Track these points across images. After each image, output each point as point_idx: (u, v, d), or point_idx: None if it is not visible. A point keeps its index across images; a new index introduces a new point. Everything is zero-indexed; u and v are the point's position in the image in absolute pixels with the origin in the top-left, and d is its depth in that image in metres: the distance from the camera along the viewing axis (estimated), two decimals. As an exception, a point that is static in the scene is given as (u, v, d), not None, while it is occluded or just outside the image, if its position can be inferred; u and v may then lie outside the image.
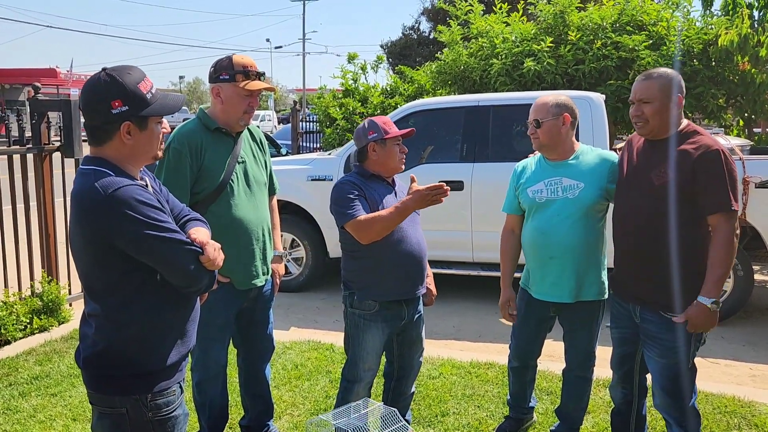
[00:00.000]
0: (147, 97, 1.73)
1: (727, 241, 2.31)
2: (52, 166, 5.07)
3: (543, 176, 2.81)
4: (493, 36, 8.01)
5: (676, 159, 2.36)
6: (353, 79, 9.58)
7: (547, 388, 3.68)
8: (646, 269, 2.46)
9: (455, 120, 5.71)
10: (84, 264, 1.74)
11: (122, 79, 1.70)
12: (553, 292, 2.82)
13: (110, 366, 1.74)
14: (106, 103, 1.68)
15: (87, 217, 1.66)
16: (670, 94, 2.39)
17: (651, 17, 7.55)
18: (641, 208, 2.45)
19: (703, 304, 2.34)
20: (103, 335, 1.73)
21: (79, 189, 1.68)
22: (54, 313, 4.77)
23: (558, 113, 2.72)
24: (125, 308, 1.72)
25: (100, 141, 1.73)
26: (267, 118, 36.56)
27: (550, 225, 2.76)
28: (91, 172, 1.69)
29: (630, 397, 2.79)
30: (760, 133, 8.32)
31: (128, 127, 1.71)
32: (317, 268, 5.98)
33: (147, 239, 1.65)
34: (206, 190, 2.58)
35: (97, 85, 1.69)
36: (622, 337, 2.70)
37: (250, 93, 2.59)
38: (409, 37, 20.87)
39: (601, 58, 7.28)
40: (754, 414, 3.34)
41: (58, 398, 3.53)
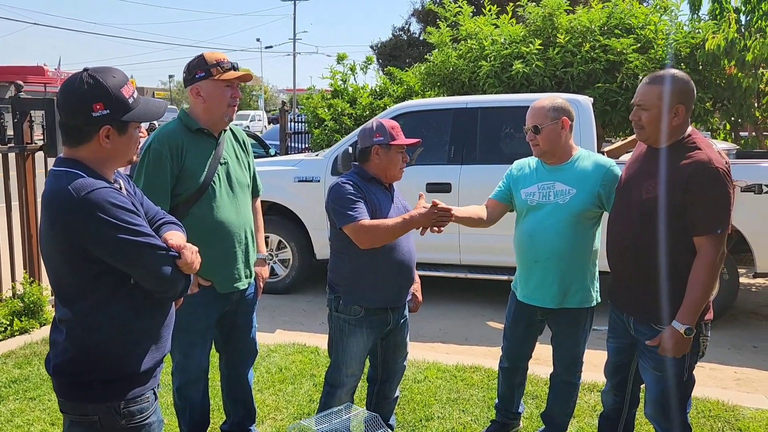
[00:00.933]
0: (129, 102, 1.70)
1: (709, 265, 2.20)
2: (35, 165, 5.00)
3: (538, 179, 2.78)
4: (482, 38, 8.01)
5: (668, 173, 2.26)
6: (342, 80, 9.55)
7: (533, 392, 3.66)
8: (636, 281, 2.40)
9: (443, 122, 5.70)
10: (55, 268, 1.70)
11: (106, 81, 1.66)
12: (536, 295, 2.80)
13: (82, 373, 1.70)
14: (88, 105, 1.64)
15: (59, 220, 1.62)
16: (670, 103, 2.25)
17: (639, 21, 7.58)
18: (630, 219, 2.38)
19: (675, 329, 2.24)
20: (74, 341, 1.69)
21: (51, 191, 1.64)
22: (35, 315, 4.70)
23: (557, 117, 2.67)
24: (97, 313, 1.68)
25: (76, 142, 1.69)
26: (257, 118, 36.49)
27: (537, 229, 2.74)
28: (63, 173, 1.65)
29: (621, 404, 2.74)
30: (746, 137, 8.36)
31: (108, 130, 1.67)
32: (304, 270, 5.94)
33: (120, 243, 1.62)
34: (188, 191, 2.54)
35: (79, 86, 1.65)
36: (618, 347, 2.64)
37: (229, 84, 2.55)
38: (399, 38, 20.86)
39: (589, 61, 7.29)
40: (738, 418, 3.34)
41: (37, 402, 3.47)
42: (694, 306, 2.22)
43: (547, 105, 2.69)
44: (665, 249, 2.28)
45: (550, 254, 2.71)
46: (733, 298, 4.92)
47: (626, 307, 2.50)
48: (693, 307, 2.22)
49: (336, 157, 5.58)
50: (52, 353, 1.75)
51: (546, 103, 2.70)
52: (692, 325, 2.23)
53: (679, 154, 2.28)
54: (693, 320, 2.23)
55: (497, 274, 5.30)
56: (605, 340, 2.73)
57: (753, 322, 5.21)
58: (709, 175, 2.18)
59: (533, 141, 2.71)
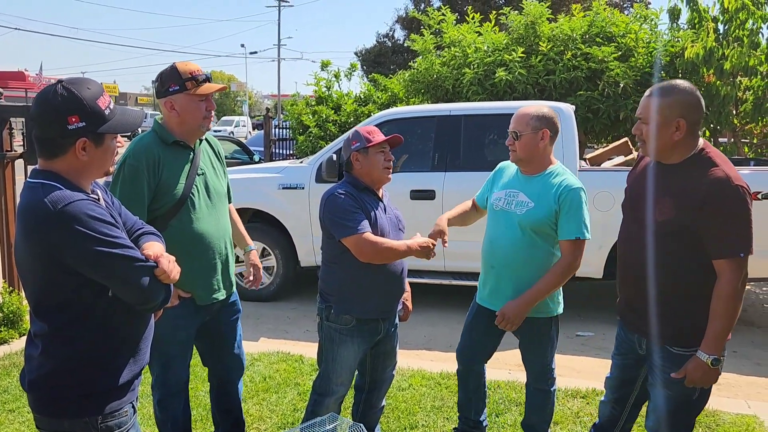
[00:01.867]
0: (105, 113, 1.68)
1: (732, 291, 2.05)
2: (14, 173, 4.94)
3: (508, 185, 2.80)
4: (465, 45, 8.08)
5: (683, 193, 2.10)
6: (327, 87, 9.55)
7: (517, 399, 3.68)
8: (647, 301, 2.26)
9: (427, 129, 5.72)
10: (32, 281, 1.67)
11: (81, 93, 1.64)
12: (491, 300, 2.82)
13: (58, 388, 1.67)
14: (63, 117, 1.62)
15: (36, 233, 1.59)
16: (669, 117, 2.11)
17: (620, 29, 7.68)
18: (642, 240, 2.23)
19: (700, 360, 2.12)
20: (50, 355, 1.66)
21: (27, 203, 1.61)
22: (14, 325, 4.64)
23: (538, 128, 2.64)
24: (74, 326, 1.66)
25: (51, 155, 1.66)
26: (242, 124, 36.34)
27: (496, 235, 2.77)
28: (39, 186, 1.62)
29: (617, 418, 2.65)
30: (725, 144, 8.49)
31: (84, 143, 1.65)
32: (288, 278, 5.92)
33: (98, 256, 1.60)
34: (166, 205, 2.50)
35: (54, 98, 1.63)
36: (624, 364, 2.53)
37: (204, 97, 2.53)
38: (383, 44, 20.92)
39: (571, 69, 7.38)
40: (719, 423, 3.38)
41: (17, 414, 3.42)
42: (718, 335, 2.10)
43: (532, 113, 2.66)
44: (680, 272, 2.16)
45: (505, 262, 2.73)
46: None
47: (637, 329, 2.37)
48: (718, 336, 2.10)
49: (320, 164, 5.58)
50: (27, 368, 1.72)
51: (531, 111, 2.67)
52: (718, 355, 2.11)
53: (693, 171, 2.13)
54: (719, 350, 2.11)
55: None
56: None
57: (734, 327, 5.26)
58: (729, 193, 2.04)
59: (511, 146, 2.71)
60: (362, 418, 2.95)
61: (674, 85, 2.17)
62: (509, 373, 4.11)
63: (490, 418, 3.42)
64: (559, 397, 3.69)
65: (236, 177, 6.13)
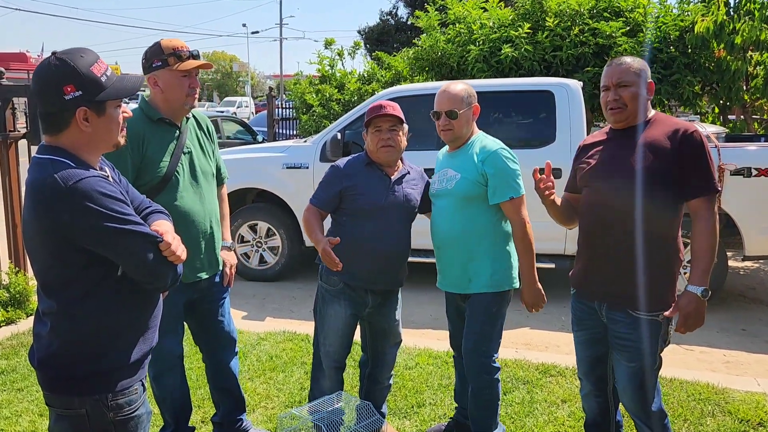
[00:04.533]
0: (101, 80, 1.63)
1: (712, 227, 2.23)
2: (18, 153, 4.92)
3: (440, 167, 2.79)
4: (471, 22, 7.95)
5: (656, 142, 2.27)
6: (330, 65, 9.47)
7: (524, 377, 3.67)
8: (615, 262, 2.33)
9: (432, 107, 5.64)
10: (40, 259, 1.64)
11: (74, 62, 1.59)
12: (443, 281, 2.79)
13: (67, 365, 1.65)
14: (58, 88, 1.58)
15: (45, 211, 1.56)
16: (645, 79, 2.33)
17: (628, 3, 7.54)
18: (613, 197, 2.32)
19: (692, 293, 2.21)
20: (58, 333, 1.65)
21: (36, 180, 1.57)
22: (21, 305, 4.65)
23: (470, 103, 2.67)
24: (83, 304, 1.64)
25: (55, 129, 1.62)
26: (244, 104, 36.18)
27: (435, 216, 2.75)
28: (48, 162, 1.58)
29: (605, 404, 2.59)
30: (734, 120, 8.38)
31: (84, 113, 1.61)
32: (293, 257, 5.90)
33: (109, 233, 1.57)
34: (150, 182, 2.47)
35: (48, 70, 1.59)
36: (591, 338, 2.50)
37: (187, 73, 2.49)
38: (386, 22, 20.63)
39: (578, 45, 7.26)
40: (728, 401, 3.36)
41: (25, 393, 3.43)
42: (706, 268, 2.22)
43: (463, 90, 2.66)
44: (650, 224, 2.26)
45: (446, 240, 2.70)
46: (722, 281, 4.95)
47: (597, 294, 2.42)
48: (705, 269, 2.22)
49: (324, 143, 5.53)
50: (36, 346, 1.70)
51: (460, 87, 2.67)
52: (707, 287, 2.22)
53: (657, 127, 2.32)
54: (707, 282, 2.22)
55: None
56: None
57: (741, 305, 5.24)
58: (697, 137, 2.24)
59: (447, 126, 2.65)
60: (368, 395, 2.95)
61: (632, 57, 2.39)
62: (516, 352, 4.10)
63: (497, 396, 3.40)
64: (566, 375, 3.68)
65: (240, 157, 6.10)
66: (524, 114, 5.60)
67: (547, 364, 3.82)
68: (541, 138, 5.27)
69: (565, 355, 4.10)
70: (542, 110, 5.38)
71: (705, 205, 2.24)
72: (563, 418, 3.20)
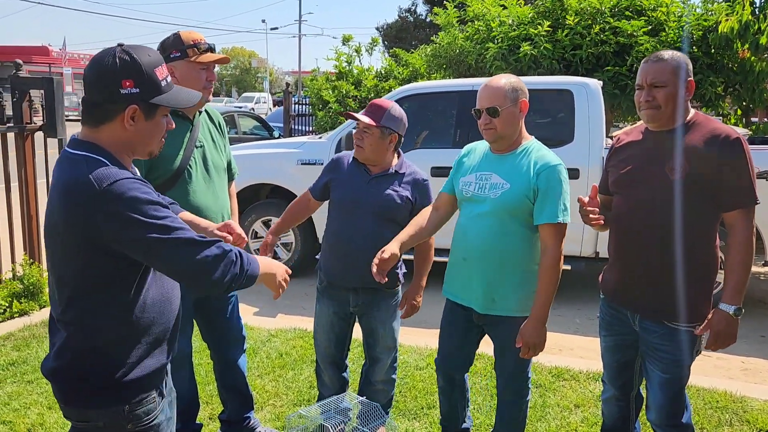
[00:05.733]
0: (161, 84, 1.57)
1: (748, 241, 2.10)
2: (34, 146, 4.94)
3: (478, 168, 2.47)
4: (490, 19, 7.87)
5: (695, 149, 2.11)
6: (347, 62, 9.43)
7: (536, 380, 3.60)
8: (650, 273, 2.23)
9: (449, 105, 5.59)
10: (62, 261, 1.55)
11: (140, 59, 1.53)
12: (463, 295, 2.51)
13: (81, 377, 1.58)
14: (116, 80, 1.51)
15: (78, 212, 1.47)
16: (683, 78, 2.16)
17: (650, 2, 7.42)
18: (650, 205, 2.20)
19: (724, 311, 2.11)
20: (72, 344, 1.57)
21: (70, 179, 1.49)
22: (35, 296, 4.67)
23: (516, 98, 2.36)
24: (101, 313, 1.55)
25: (97, 121, 1.55)
26: (262, 100, 36.34)
27: (469, 223, 2.45)
28: (82, 159, 1.50)
29: (626, 411, 2.53)
30: (757, 122, 8.22)
31: (134, 111, 1.54)
32: (307, 254, 5.88)
33: (151, 243, 1.49)
34: (163, 176, 2.45)
35: (110, 60, 1.52)
36: (620, 344, 2.42)
37: (206, 66, 2.47)
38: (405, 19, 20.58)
39: (598, 44, 7.16)
40: (746, 409, 3.27)
41: (35, 385, 3.43)
42: (739, 285, 2.11)
43: (506, 84, 2.36)
44: (688, 234, 2.14)
45: (477, 253, 2.42)
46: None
47: (631, 304, 2.32)
48: (738, 287, 2.11)
49: (340, 140, 5.50)
50: (51, 356, 1.62)
51: (504, 82, 2.37)
52: (740, 305, 2.12)
53: (696, 130, 2.16)
54: (740, 300, 2.12)
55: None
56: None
57: (761, 311, 5.13)
58: (738, 144, 2.09)
59: (488, 125, 2.36)
60: (360, 393, 2.91)
61: (672, 51, 2.22)
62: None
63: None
64: (580, 380, 3.61)
65: (255, 152, 6.09)
66: (542, 113, 5.52)
67: (560, 368, 3.76)
68: (559, 137, 5.19)
69: (579, 358, 4.03)
70: (561, 109, 5.30)
71: (742, 217, 2.12)
72: (576, 423, 3.14)
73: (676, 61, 2.17)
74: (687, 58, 2.21)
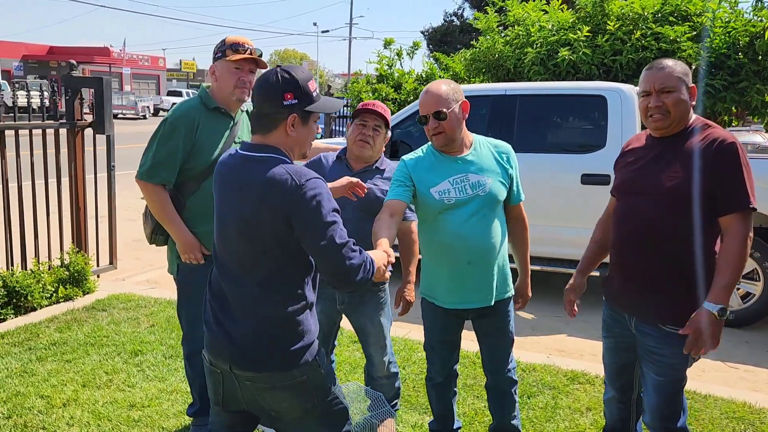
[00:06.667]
0: (314, 95, 1.89)
1: (743, 243, 2.10)
2: (84, 141, 5.22)
3: (446, 174, 2.48)
4: (529, 24, 7.87)
5: (690, 156, 2.14)
6: (388, 65, 9.55)
7: (550, 382, 3.63)
8: (645, 277, 2.26)
9: (481, 109, 5.63)
10: (252, 248, 1.81)
11: (297, 75, 1.85)
12: (473, 298, 2.52)
13: (278, 345, 1.84)
14: (280, 94, 1.82)
15: (275, 205, 1.75)
16: (688, 83, 2.21)
17: (696, 8, 7.28)
18: (647, 212, 2.23)
19: (708, 310, 2.08)
20: (260, 316, 1.84)
21: (271, 175, 1.77)
22: (79, 283, 4.95)
23: (458, 100, 2.44)
24: (280, 290, 1.84)
25: (266, 129, 1.87)
26: (311, 101, 36.77)
27: (465, 228, 2.45)
28: (273, 160, 1.80)
29: (626, 413, 2.56)
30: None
31: (294, 119, 1.85)
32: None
33: (323, 241, 1.75)
34: (199, 167, 2.62)
35: (274, 78, 1.85)
36: (619, 346, 2.46)
37: (240, 66, 2.62)
38: (451, 23, 20.58)
39: (640, 49, 7.08)
40: (764, 421, 3.22)
41: (72, 364, 3.67)
42: (726, 286, 2.10)
43: (448, 89, 2.44)
44: (684, 240, 2.16)
45: (485, 252, 2.47)
46: (775, 299, 4.73)
47: (627, 306, 2.36)
48: (725, 288, 2.10)
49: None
50: (252, 334, 1.85)
51: (444, 87, 2.44)
52: (726, 306, 2.10)
53: (694, 136, 2.20)
54: (727, 300, 2.10)
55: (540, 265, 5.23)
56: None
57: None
58: (734, 149, 2.11)
59: (436, 129, 2.42)
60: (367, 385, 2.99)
61: (671, 60, 2.26)
62: (548, 357, 4.06)
63: (522, 399, 3.39)
64: (595, 384, 3.62)
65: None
66: (575, 118, 5.51)
67: (576, 371, 3.77)
68: (591, 143, 5.18)
69: (599, 363, 4.01)
70: (594, 115, 5.28)
71: (737, 221, 2.11)
72: (585, 426, 3.16)
73: (681, 67, 2.22)
74: (685, 64, 2.27)
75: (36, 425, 3.01)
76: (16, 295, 4.48)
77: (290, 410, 1.90)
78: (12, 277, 4.50)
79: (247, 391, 1.90)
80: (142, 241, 7.48)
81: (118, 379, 3.51)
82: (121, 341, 4.03)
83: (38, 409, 3.15)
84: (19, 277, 4.52)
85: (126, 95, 35.52)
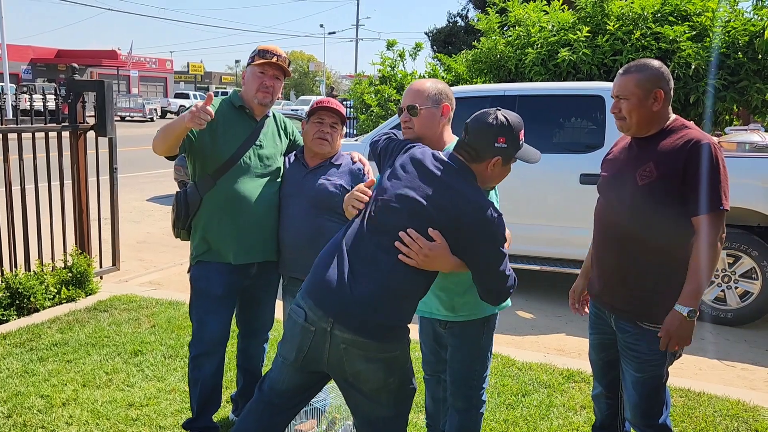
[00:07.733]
0: (521, 144, 2.11)
1: (712, 245, 2.11)
2: (86, 144, 5.28)
3: None
4: (530, 25, 7.89)
5: (664, 155, 2.19)
6: (391, 66, 9.59)
7: (546, 381, 3.65)
8: (622, 276, 2.31)
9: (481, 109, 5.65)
10: (420, 230, 2.00)
11: (513, 125, 2.07)
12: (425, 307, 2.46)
13: (396, 325, 2.03)
14: (496, 136, 2.05)
15: (480, 228, 1.99)
16: (648, 90, 2.22)
17: (696, 7, 7.28)
18: (620, 211, 2.29)
19: (678, 312, 2.13)
20: (394, 301, 2.02)
21: (484, 202, 2.01)
22: (82, 284, 5.00)
23: (438, 101, 2.33)
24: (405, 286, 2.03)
25: (472, 159, 2.09)
26: (317, 103, 36.86)
27: None
28: (477, 187, 2.07)
29: (615, 408, 2.61)
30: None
31: (498, 160, 2.07)
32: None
33: (491, 262, 2.03)
34: (217, 163, 2.70)
35: (493, 120, 2.06)
36: (604, 342, 2.52)
37: (263, 71, 2.72)
38: (455, 24, 20.60)
39: (639, 49, 7.09)
40: (757, 419, 3.23)
41: (73, 364, 3.72)
42: (696, 289, 2.13)
43: (430, 87, 2.35)
44: (657, 239, 2.20)
45: None
46: (774, 298, 4.73)
47: (606, 303, 2.41)
48: (696, 290, 2.13)
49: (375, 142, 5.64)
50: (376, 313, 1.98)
51: (428, 84, 2.36)
52: (695, 308, 2.13)
53: (670, 136, 2.24)
54: (696, 303, 2.14)
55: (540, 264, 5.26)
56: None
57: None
58: (705, 150, 2.13)
59: (407, 122, 2.34)
60: None
61: (644, 62, 2.30)
62: (545, 356, 4.08)
63: (517, 397, 3.42)
64: (591, 382, 3.64)
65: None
66: (573, 118, 5.54)
67: (572, 370, 3.79)
68: (589, 143, 5.21)
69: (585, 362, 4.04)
70: (592, 115, 5.31)
71: (707, 222, 2.13)
72: (578, 423, 3.18)
73: (643, 73, 2.25)
74: (659, 69, 2.26)
75: (35, 424, 3.06)
76: (19, 297, 4.54)
77: (372, 381, 2.02)
78: (15, 279, 4.56)
79: (335, 353, 1.98)
80: (146, 243, 7.56)
81: (117, 378, 3.56)
82: (121, 341, 4.08)
83: (38, 408, 3.20)
84: (22, 278, 4.58)
85: (133, 98, 35.75)
